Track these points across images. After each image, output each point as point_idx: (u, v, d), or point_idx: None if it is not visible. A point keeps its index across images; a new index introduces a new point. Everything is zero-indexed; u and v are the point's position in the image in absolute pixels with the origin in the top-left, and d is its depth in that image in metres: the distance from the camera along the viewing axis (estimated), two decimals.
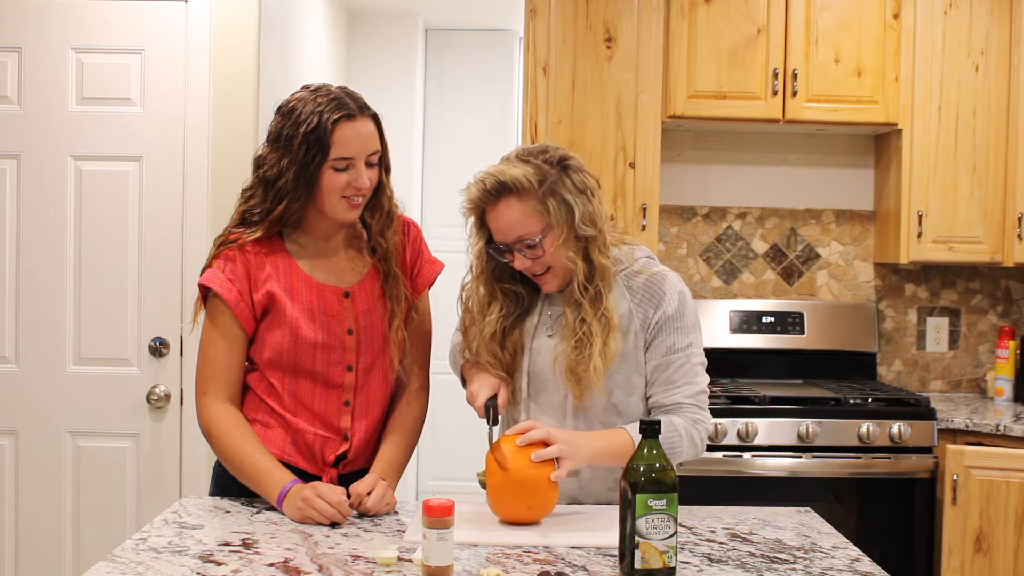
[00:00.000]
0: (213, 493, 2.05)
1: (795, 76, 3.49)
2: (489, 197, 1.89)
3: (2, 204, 3.17)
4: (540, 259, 1.91)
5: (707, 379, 1.99)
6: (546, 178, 1.88)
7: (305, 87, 1.96)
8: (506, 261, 1.95)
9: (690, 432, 1.93)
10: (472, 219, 1.96)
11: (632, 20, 3.48)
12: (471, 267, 2.03)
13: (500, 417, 1.95)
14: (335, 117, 1.87)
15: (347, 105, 1.90)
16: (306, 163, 1.88)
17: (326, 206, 1.93)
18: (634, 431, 1.88)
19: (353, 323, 1.99)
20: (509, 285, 2.01)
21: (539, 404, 2.01)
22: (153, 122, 3.18)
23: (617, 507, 1.62)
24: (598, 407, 1.97)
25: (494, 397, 1.95)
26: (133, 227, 3.18)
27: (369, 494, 1.87)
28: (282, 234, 2.00)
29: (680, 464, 1.91)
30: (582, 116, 3.49)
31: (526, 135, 3.50)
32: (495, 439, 1.86)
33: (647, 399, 1.99)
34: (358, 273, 2.03)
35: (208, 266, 1.97)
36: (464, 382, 2.07)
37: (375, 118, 1.95)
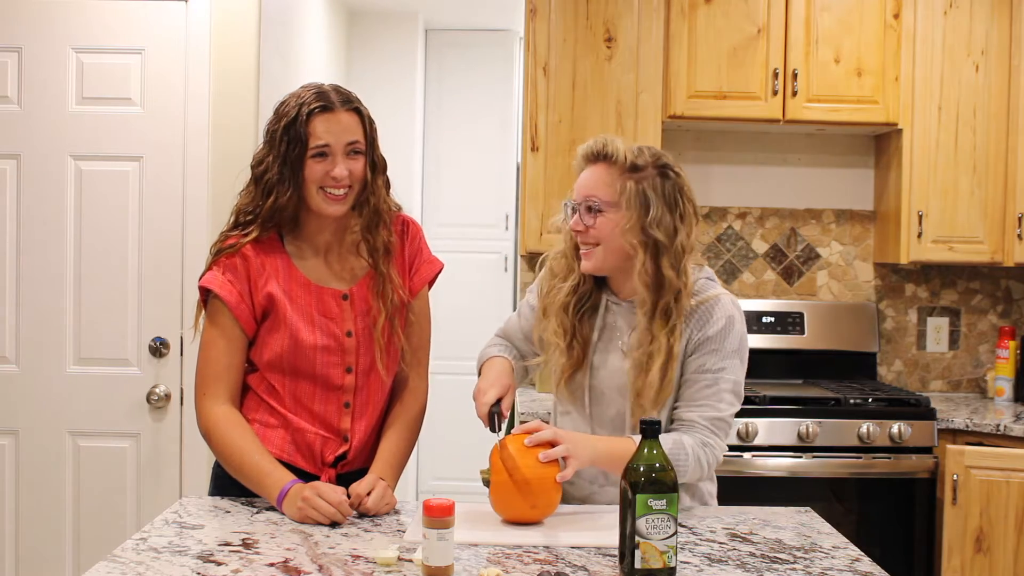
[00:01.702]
0: (212, 494, 2.05)
1: (795, 76, 3.49)
2: (591, 156, 1.97)
3: (2, 204, 3.17)
4: (592, 229, 1.94)
5: (733, 408, 1.95)
6: (639, 166, 1.93)
7: (301, 87, 1.97)
8: (568, 218, 1.99)
9: (698, 454, 1.90)
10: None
11: (632, 20, 3.48)
12: (564, 239, 2.07)
13: (504, 422, 1.95)
14: (311, 108, 1.89)
15: (327, 97, 1.92)
16: (287, 155, 1.90)
17: (309, 200, 1.94)
18: (637, 436, 1.89)
19: (352, 325, 1.99)
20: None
21: (595, 417, 2.03)
22: (153, 122, 3.18)
23: (617, 507, 1.62)
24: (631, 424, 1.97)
25: (498, 402, 1.95)
26: (133, 227, 3.18)
27: (369, 494, 1.87)
28: (282, 237, 2.00)
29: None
30: (582, 116, 3.49)
31: (526, 135, 3.50)
32: (501, 437, 1.86)
33: (673, 410, 1.99)
34: (356, 275, 2.03)
35: (208, 269, 1.98)
36: (480, 374, 2.07)
37: (359, 112, 1.95)
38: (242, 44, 3.21)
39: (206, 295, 1.98)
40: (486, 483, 1.85)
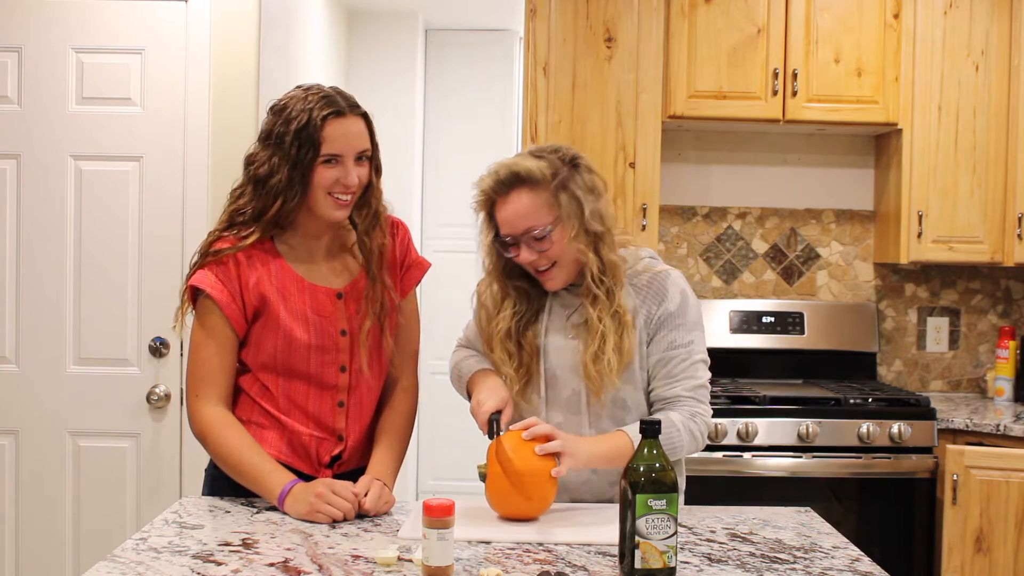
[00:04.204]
0: (207, 494, 2.05)
1: (795, 76, 3.49)
2: (501, 188, 1.92)
3: (2, 204, 3.17)
4: (546, 252, 1.92)
5: (708, 375, 2.02)
6: (558, 172, 1.91)
7: (297, 87, 1.97)
8: (510, 256, 1.96)
9: (688, 426, 1.95)
10: (482, 214, 1.98)
11: (632, 20, 3.48)
12: (484, 264, 2.05)
13: (503, 431, 1.94)
14: (325, 113, 1.88)
15: (337, 102, 1.91)
16: (299, 160, 1.88)
17: (315, 204, 1.93)
18: (632, 432, 1.89)
19: (346, 324, 1.99)
20: (519, 282, 2.02)
21: (550, 400, 2.03)
22: (153, 122, 3.17)
23: (617, 505, 1.62)
24: (606, 401, 1.98)
25: (499, 412, 1.95)
26: (133, 227, 3.18)
27: (366, 495, 1.87)
28: (272, 236, 1.99)
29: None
30: (582, 116, 3.49)
31: (526, 135, 3.50)
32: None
33: (648, 393, 2.01)
34: (350, 274, 2.03)
35: (199, 267, 1.96)
36: (469, 396, 2.07)
37: (365, 117, 1.96)
38: (242, 44, 3.21)
39: (195, 294, 1.97)
40: (482, 478, 1.85)
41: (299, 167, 1.89)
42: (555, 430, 1.85)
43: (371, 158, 1.97)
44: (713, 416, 3.12)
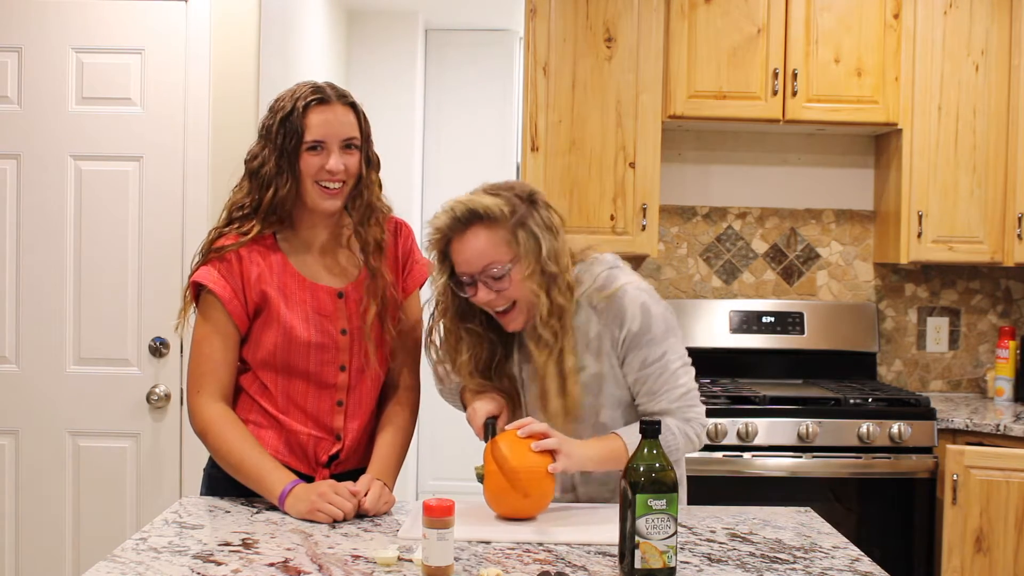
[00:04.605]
0: (205, 493, 2.05)
1: (795, 76, 3.49)
2: (458, 225, 1.86)
3: (2, 204, 3.17)
4: (504, 292, 1.88)
5: (691, 376, 1.97)
6: (516, 209, 1.87)
7: (296, 84, 1.98)
8: (467, 296, 1.91)
9: (684, 430, 1.94)
10: (435, 252, 1.92)
11: (632, 20, 3.48)
12: (435, 305, 1.98)
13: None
14: (308, 101, 1.90)
15: (322, 91, 1.92)
16: (284, 148, 1.90)
17: (305, 194, 1.94)
18: (626, 435, 1.89)
19: (347, 323, 1.99)
20: (475, 326, 1.98)
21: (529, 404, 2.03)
22: (153, 122, 3.17)
23: (616, 505, 1.62)
24: (587, 427, 1.98)
25: (495, 417, 1.95)
26: (133, 227, 3.18)
27: (366, 495, 1.87)
28: (275, 233, 2.00)
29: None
30: (582, 116, 3.49)
31: (526, 135, 3.50)
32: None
33: (636, 407, 2.00)
34: (352, 273, 2.03)
35: (201, 264, 1.97)
36: (464, 406, 2.06)
37: (354, 107, 1.96)
38: (242, 44, 3.21)
39: (197, 290, 1.97)
40: (480, 479, 1.85)
41: (285, 155, 1.90)
42: (550, 429, 1.85)
43: (361, 148, 1.97)
44: (713, 416, 3.17)
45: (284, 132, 1.90)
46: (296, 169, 1.91)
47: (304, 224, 2.00)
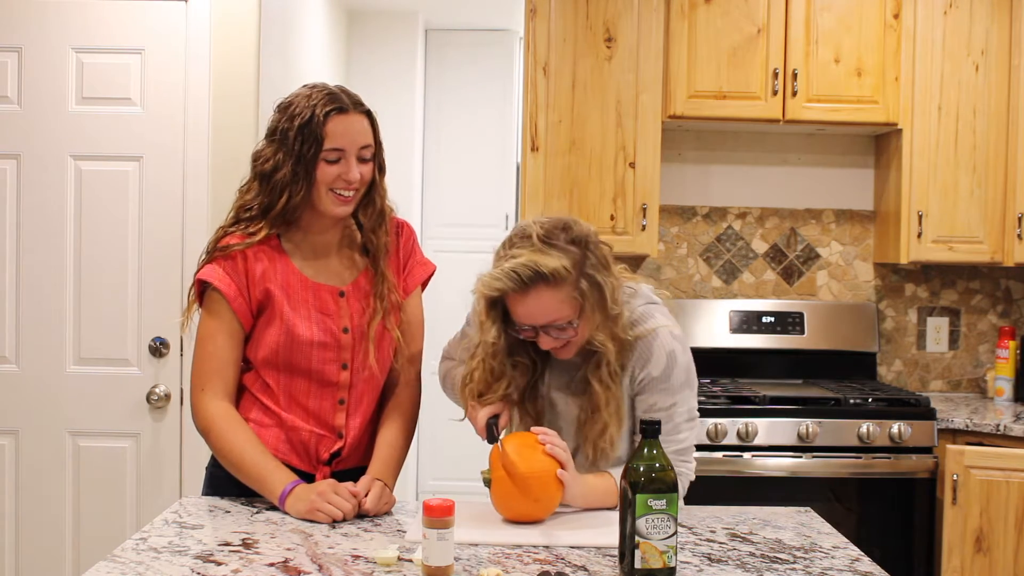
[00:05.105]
0: (207, 493, 2.05)
1: (795, 76, 3.49)
2: (525, 284, 1.79)
3: (2, 204, 3.17)
4: (572, 340, 1.86)
5: (693, 432, 1.96)
6: (578, 263, 1.81)
7: (304, 86, 1.98)
8: (527, 338, 1.88)
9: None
10: (483, 301, 1.88)
11: (632, 20, 3.48)
12: (474, 351, 1.95)
13: (501, 434, 1.95)
14: (328, 109, 1.90)
15: (340, 99, 1.93)
16: (302, 155, 1.90)
17: (318, 200, 1.94)
18: (618, 475, 1.89)
19: (349, 322, 2.00)
20: (521, 358, 1.96)
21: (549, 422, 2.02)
22: (153, 122, 3.18)
23: (617, 508, 1.62)
24: (589, 444, 1.97)
25: (496, 416, 1.95)
26: (133, 227, 3.18)
27: (366, 495, 1.87)
28: (279, 235, 2.00)
29: None
30: (582, 116, 3.49)
31: (526, 135, 3.50)
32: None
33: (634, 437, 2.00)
34: (353, 273, 2.04)
35: (207, 262, 1.97)
36: (466, 407, 2.06)
37: (369, 115, 1.97)
38: (242, 44, 3.21)
39: (202, 288, 1.98)
40: (487, 483, 1.85)
41: (302, 162, 1.90)
42: (557, 437, 1.86)
43: (375, 156, 1.98)
44: (713, 416, 3.17)
45: (302, 139, 1.89)
46: (312, 176, 1.91)
47: (311, 226, 2.00)
